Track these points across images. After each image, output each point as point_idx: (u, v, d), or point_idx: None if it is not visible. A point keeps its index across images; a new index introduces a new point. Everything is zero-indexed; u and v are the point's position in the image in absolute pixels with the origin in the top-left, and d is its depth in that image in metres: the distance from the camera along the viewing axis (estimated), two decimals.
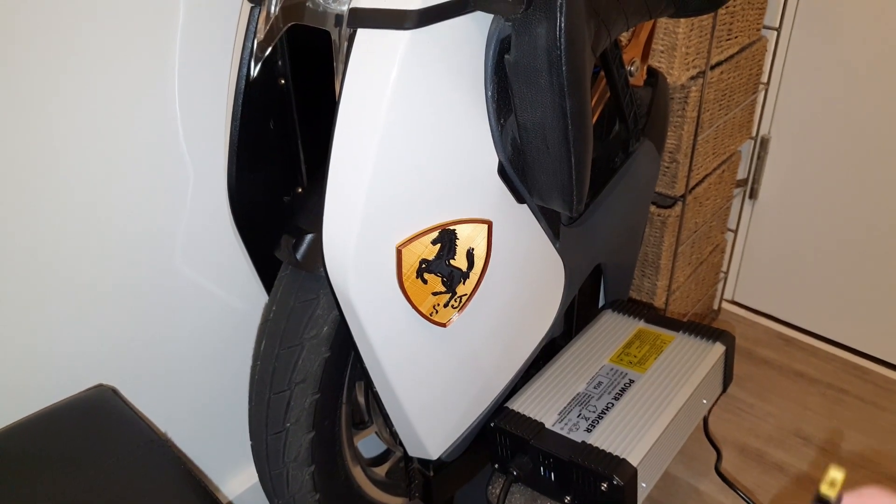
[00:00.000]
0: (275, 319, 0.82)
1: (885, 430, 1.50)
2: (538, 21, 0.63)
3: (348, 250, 0.66)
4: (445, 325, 0.77)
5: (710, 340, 1.07)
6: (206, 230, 0.97)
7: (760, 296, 1.85)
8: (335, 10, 0.71)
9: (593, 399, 0.97)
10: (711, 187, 1.50)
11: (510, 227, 0.79)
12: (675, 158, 1.33)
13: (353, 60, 0.63)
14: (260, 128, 0.81)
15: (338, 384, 0.87)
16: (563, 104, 0.67)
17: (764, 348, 1.74)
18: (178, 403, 1.04)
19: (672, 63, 1.22)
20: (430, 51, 0.63)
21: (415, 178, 0.67)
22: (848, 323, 1.72)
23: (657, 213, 1.39)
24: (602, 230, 1.02)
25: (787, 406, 1.57)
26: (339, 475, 0.94)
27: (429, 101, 0.65)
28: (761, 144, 1.67)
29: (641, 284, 1.49)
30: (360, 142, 0.63)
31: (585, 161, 0.73)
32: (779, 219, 1.73)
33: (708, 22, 1.23)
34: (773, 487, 1.37)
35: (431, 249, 0.71)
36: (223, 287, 1.03)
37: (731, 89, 1.41)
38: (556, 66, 0.65)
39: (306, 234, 0.77)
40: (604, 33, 0.73)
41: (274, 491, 0.88)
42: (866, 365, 1.69)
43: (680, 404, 0.96)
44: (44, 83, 0.76)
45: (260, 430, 0.85)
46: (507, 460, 0.93)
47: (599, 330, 1.12)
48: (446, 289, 0.75)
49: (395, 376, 0.76)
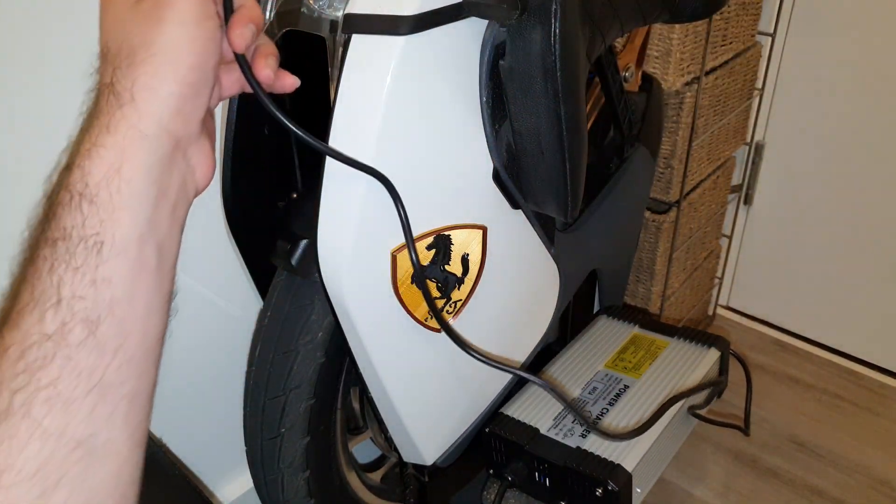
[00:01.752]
0: (270, 325, 0.81)
1: (880, 436, 1.51)
2: (533, 27, 0.64)
3: (343, 256, 0.66)
4: (440, 331, 0.77)
5: (705, 346, 1.08)
6: (200, 236, 0.97)
7: (755, 301, 1.85)
8: (330, 15, 0.71)
9: (588, 405, 0.97)
10: (706, 193, 1.50)
11: (505, 232, 0.79)
12: (669, 164, 1.34)
13: (347, 66, 0.63)
14: (255, 133, 0.81)
15: (333, 390, 0.87)
16: (557, 110, 0.67)
17: (758, 354, 1.74)
18: (173, 409, 1.04)
19: (667, 69, 1.22)
20: (424, 56, 0.63)
21: (409, 183, 0.67)
22: (843, 328, 1.72)
23: (652, 219, 1.39)
24: (597, 236, 1.02)
25: (782, 411, 1.57)
26: (333, 481, 0.94)
27: (423, 107, 0.65)
28: (756, 150, 1.67)
29: (636, 290, 1.49)
30: (354, 147, 0.63)
31: (580, 167, 0.73)
32: (773, 224, 1.74)
33: (702, 28, 1.24)
34: (768, 493, 1.37)
35: (426, 255, 0.72)
36: (218, 292, 1.03)
37: (726, 95, 1.42)
38: (551, 72, 0.65)
39: (301, 240, 0.77)
40: (598, 39, 0.73)
41: (269, 496, 0.88)
42: (861, 370, 1.69)
43: (675, 410, 0.96)
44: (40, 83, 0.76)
45: (255, 436, 0.85)
46: (501, 466, 0.93)
47: (594, 335, 1.12)
48: (441, 294, 0.75)
49: (389, 381, 0.76)
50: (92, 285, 0.41)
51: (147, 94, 0.44)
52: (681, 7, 0.85)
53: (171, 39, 0.44)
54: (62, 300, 0.41)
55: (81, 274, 0.41)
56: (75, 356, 0.41)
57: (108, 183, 0.42)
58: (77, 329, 0.41)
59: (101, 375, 0.41)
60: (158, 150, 0.44)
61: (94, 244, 0.42)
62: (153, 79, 0.44)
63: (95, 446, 0.41)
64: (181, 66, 0.45)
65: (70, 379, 0.40)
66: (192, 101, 0.46)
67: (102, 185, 0.42)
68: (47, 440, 0.39)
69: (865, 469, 1.43)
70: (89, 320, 0.41)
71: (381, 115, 0.62)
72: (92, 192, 0.42)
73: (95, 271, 0.41)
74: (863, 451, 1.47)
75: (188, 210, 0.49)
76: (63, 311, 0.41)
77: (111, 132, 0.43)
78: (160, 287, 0.45)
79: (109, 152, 0.43)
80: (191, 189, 0.49)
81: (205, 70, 0.46)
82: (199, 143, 0.49)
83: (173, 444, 1.06)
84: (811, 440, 1.49)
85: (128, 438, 0.44)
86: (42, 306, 0.41)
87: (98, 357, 0.41)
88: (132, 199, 0.43)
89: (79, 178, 0.42)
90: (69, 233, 0.42)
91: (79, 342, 0.41)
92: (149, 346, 0.45)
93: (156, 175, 0.44)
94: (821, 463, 1.44)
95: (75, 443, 0.40)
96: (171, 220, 0.46)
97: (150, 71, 0.44)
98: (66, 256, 0.41)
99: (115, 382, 0.42)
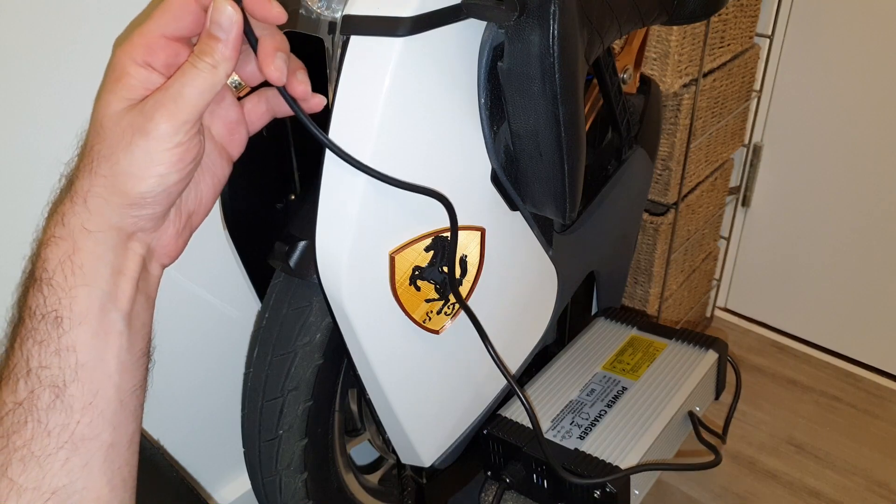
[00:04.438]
0: (267, 326, 0.81)
1: (878, 438, 1.51)
2: (531, 28, 0.64)
3: (341, 257, 0.66)
4: (438, 333, 0.77)
5: (703, 348, 1.08)
6: (198, 237, 0.97)
7: (753, 303, 1.85)
8: (328, 17, 0.71)
9: (586, 406, 0.97)
10: (704, 195, 1.50)
11: (503, 234, 0.79)
12: (667, 166, 1.34)
13: (346, 67, 0.63)
14: (253, 135, 0.81)
15: (331, 391, 0.87)
16: (556, 111, 0.67)
17: (756, 356, 1.74)
18: (171, 410, 1.04)
19: (665, 70, 1.22)
20: (423, 58, 0.63)
21: None
22: (841, 330, 1.72)
23: (650, 221, 1.39)
24: (595, 237, 1.02)
25: (780, 413, 1.57)
26: (331, 482, 0.94)
27: (422, 109, 0.65)
28: (754, 152, 1.67)
29: (634, 292, 1.49)
30: (352, 148, 0.63)
31: (578, 168, 0.73)
32: (771, 226, 1.74)
33: (700, 29, 1.24)
34: (766, 495, 1.37)
35: (424, 256, 0.71)
36: (216, 294, 1.02)
37: (724, 97, 1.42)
38: (550, 74, 0.65)
39: (299, 241, 0.77)
40: (597, 41, 0.73)
41: (267, 498, 0.88)
42: (859, 372, 1.69)
43: (673, 411, 0.96)
44: (33, 82, 0.76)
45: (253, 438, 0.85)
46: (499, 467, 0.93)
47: (592, 337, 1.12)
48: (439, 296, 0.75)
49: (387, 383, 0.76)
50: (56, 354, 0.47)
51: (99, 202, 0.48)
52: (679, 9, 0.85)
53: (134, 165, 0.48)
54: (31, 370, 0.46)
55: (45, 345, 0.47)
56: (44, 419, 0.46)
57: (63, 268, 0.48)
58: (45, 394, 0.46)
59: (72, 431, 0.46)
60: (107, 243, 0.48)
61: (55, 318, 0.47)
62: (106, 191, 0.48)
63: (72, 492, 0.46)
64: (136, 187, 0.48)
65: (41, 438, 0.46)
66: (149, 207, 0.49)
67: (58, 270, 0.48)
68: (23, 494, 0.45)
69: (863, 471, 1.43)
70: (55, 385, 0.46)
71: (379, 116, 0.62)
72: (49, 276, 0.48)
73: (58, 341, 0.47)
74: (860, 453, 1.47)
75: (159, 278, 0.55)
76: (32, 380, 0.46)
77: (65, 225, 0.48)
78: (131, 346, 0.50)
79: (64, 242, 0.48)
80: (154, 266, 0.54)
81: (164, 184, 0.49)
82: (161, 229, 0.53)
83: (171, 445, 1.06)
84: (809, 442, 1.49)
85: (106, 483, 0.48)
86: (15, 377, 0.46)
87: (67, 416, 0.46)
88: (86, 279, 0.48)
89: (40, 265, 0.48)
90: (33, 311, 0.47)
91: (47, 406, 0.46)
92: (123, 399, 0.49)
93: (109, 259, 0.49)
94: (818, 465, 1.44)
95: (51, 492, 0.46)
96: (133, 290, 0.50)
97: (107, 185, 0.48)
98: (32, 332, 0.47)
99: (89, 435, 0.47)
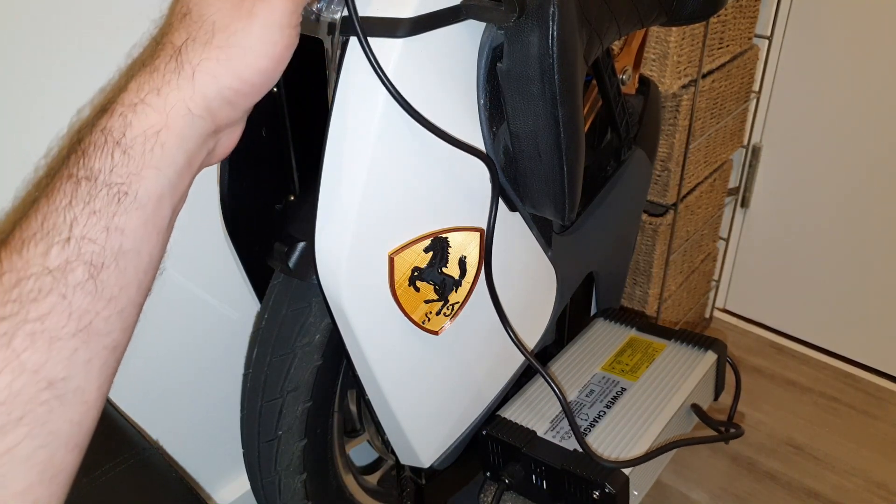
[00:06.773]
0: (267, 327, 0.81)
1: (877, 439, 1.51)
2: (530, 29, 0.64)
3: (340, 258, 0.66)
4: (438, 333, 0.77)
5: (702, 349, 1.08)
6: (197, 238, 0.97)
7: (752, 304, 1.85)
8: (328, 18, 0.71)
9: (585, 407, 0.97)
10: (703, 196, 1.50)
11: (502, 235, 0.79)
12: (666, 167, 1.34)
13: (345, 69, 0.63)
14: (252, 135, 0.81)
15: (330, 392, 0.87)
16: (555, 112, 0.67)
17: (755, 357, 1.74)
18: (170, 411, 1.04)
19: (664, 71, 1.22)
20: (422, 59, 0.63)
21: (407, 185, 0.67)
22: (840, 331, 1.72)
23: (649, 222, 1.39)
24: (594, 238, 1.02)
25: (779, 414, 1.57)
26: (330, 483, 0.94)
27: (421, 109, 0.65)
28: (753, 153, 1.68)
29: (633, 293, 1.49)
30: (352, 150, 0.63)
31: (577, 169, 0.73)
32: (770, 227, 1.74)
33: (700, 30, 1.24)
34: (765, 496, 1.37)
35: (424, 257, 0.72)
36: (215, 294, 1.02)
37: (723, 98, 1.42)
38: (549, 75, 0.65)
39: (298, 242, 0.77)
40: (596, 42, 0.73)
41: (266, 499, 0.88)
42: (858, 373, 1.69)
43: (672, 412, 0.96)
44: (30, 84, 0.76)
45: (252, 438, 0.85)
46: (498, 468, 0.93)
47: (591, 338, 1.12)
48: (438, 297, 0.75)
49: (386, 384, 0.76)
50: (104, 231, 0.42)
51: (208, 79, 0.45)
52: (678, 9, 0.85)
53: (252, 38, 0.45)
54: (72, 239, 0.41)
55: (97, 218, 0.42)
56: (70, 296, 0.41)
57: (145, 140, 0.43)
58: (79, 270, 0.41)
59: (91, 320, 0.42)
60: (199, 129, 0.46)
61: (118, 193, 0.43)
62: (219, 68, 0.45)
63: (66, 391, 0.42)
64: (250, 67, 0.46)
65: (60, 318, 0.40)
66: (247, 98, 0.47)
67: (139, 140, 0.43)
68: (21, 374, 0.39)
69: (862, 472, 1.43)
70: (93, 264, 0.42)
71: (378, 117, 0.62)
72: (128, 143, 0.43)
73: (111, 219, 0.42)
74: (859, 454, 1.47)
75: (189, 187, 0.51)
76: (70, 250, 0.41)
77: (161, 96, 0.44)
78: (162, 247, 0.47)
79: (154, 113, 0.44)
80: (211, 161, 0.51)
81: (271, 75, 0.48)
82: (237, 126, 0.51)
83: (170, 446, 1.06)
84: (808, 443, 1.49)
85: (97, 389, 0.44)
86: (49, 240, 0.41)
87: (92, 302, 0.42)
88: (162, 162, 0.44)
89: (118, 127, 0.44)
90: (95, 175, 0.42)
91: (77, 283, 0.41)
92: (139, 302, 0.46)
93: (188, 146, 0.46)
94: (817, 466, 1.44)
95: (47, 382, 0.40)
96: (187, 186, 0.47)
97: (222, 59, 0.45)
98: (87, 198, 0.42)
99: (102, 331, 0.43)
